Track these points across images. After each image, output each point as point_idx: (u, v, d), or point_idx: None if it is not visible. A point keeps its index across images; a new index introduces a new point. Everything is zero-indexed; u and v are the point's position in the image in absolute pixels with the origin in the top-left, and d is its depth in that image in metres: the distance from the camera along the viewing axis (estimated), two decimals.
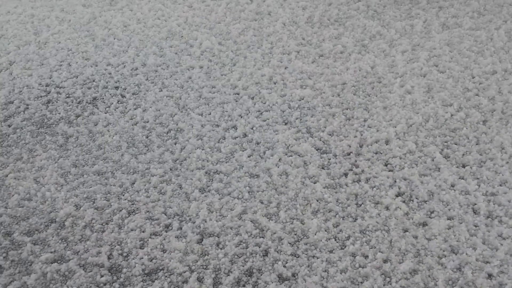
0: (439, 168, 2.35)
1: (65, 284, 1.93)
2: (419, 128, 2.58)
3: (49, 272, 1.96)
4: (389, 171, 2.35)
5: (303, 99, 2.83)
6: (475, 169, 2.33)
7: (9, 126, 2.76)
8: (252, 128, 2.64)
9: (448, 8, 3.57)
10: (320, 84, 2.92)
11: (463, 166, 2.37)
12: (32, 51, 3.38)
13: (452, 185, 2.27)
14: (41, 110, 2.86)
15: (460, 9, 3.57)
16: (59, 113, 2.82)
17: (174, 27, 3.54)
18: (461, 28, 3.36)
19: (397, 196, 2.23)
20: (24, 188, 2.34)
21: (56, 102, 2.92)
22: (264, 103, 2.81)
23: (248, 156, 2.46)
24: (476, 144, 2.48)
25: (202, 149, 2.51)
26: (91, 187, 2.33)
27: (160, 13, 3.74)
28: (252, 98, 2.85)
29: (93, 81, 3.08)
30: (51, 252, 2.05)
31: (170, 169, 2.41)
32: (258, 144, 2.54)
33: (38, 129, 2.72)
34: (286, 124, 2.66)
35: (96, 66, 3.21)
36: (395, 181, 2.29)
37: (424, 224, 2.10)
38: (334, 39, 3.34)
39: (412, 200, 2.20)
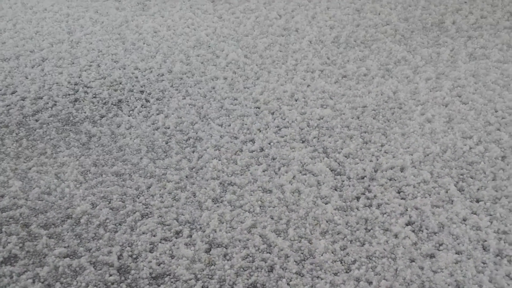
0: (452, 201, 2.35)
1: (75, 279, 1.99)
2: (436, 158, 2.58)
3: (61, 266, 2.03)
4: (402, 199, 2.37)
5: (322, 118, 2.86)
6: (489, 205, 2.33)
7: (37, 120, 2.85)
8: (269, 143, 2.68)
9: (477, 38, 3.57)
10: (341, 105, 2.95)
11: (477, 201, 2.37)
12: (65, 50, 3.48)
13: (464, 219, 2.27)
14: (68, 108, 2.95)
15: (489, 40, 3.56)
16: (85, 112, 2.91)
17: (203, 37, 3.61)
18: (489, 60, 3.36)
19: (407, 225, 2.24)
20: (45, 182, 2.41)
21: (83, 101, 3.01)
22: (284, 119, 2.85)
23: (263, 171, 2.50)
24: (493, 180, 2.47)
25: (219, 160, 2.56)
26: (108, 187, 2.40)
27: (190, 21, 3.82)
28: (272, 114, 2.90)
29: (120, 83, 3.16)
30: (64, 247, 2.11)
31: (186, 177, 2.47)
32: (274, 159, 2.58)
33: (64, 126, 2.81)
34: (303, 142, 2.70)
35: (124, 69, 3.29)
36: (407, 210, 2.30)
37: (432, 256, 2.10)
38: (358, 61, 3.37)
39: (422, 231, 2.21)
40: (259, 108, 2.94)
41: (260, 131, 2.76)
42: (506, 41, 3.54)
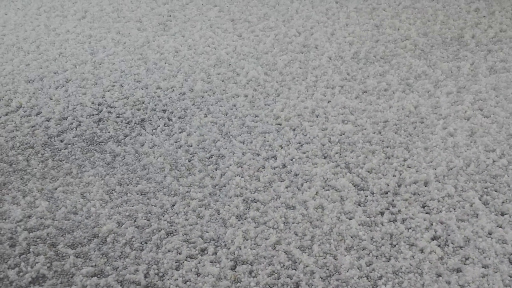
0: (477, 214, 2.33)
1: None
2: (460, 172, 2.57)
3: (88, 285, 2.05)
4: (426, 213, 2.35)
5: (344, 134, 2.87)
6: None
7: (62, 141, 2.91)
8: (291, 160, 2.69)
9: (497, 52, 3.56)
10: (362, 120, 2.95)
11: (502, 214, 2.34)
12: (88, 71, 3.56)
13: (490, 233, 2.24)
14: (92, 128, 3.00)
15: (509, 53, 3.55)
16: (109, 132, 2.96)
17: (223, 55, 3.66)
18: (509, 73, 3.34)
19: (432, 239, 2.22)
20: (71, 202, 2.46)
21: (107, 121, 3.06)
22: (305, 136, 2.86)
23: (286, 187, 2.51)
24: None
25: (242, 177, 2.58)
26: (133, 206, 2.43)
27: (210, 40, 3.87)
28: (294, 130, 2.91)
29: (143, 103, 3.21)
30: (92, 266, 2.14)
31: (210, 194, 2.49)
32: (296, 175, 2.59)
33: (88, 146, 2.86)
34: (325, 158, 2.70)
35: (147, 88, 3.35)
36: (432, 224, 2.29)
37: (458, 270, 2.09)
38: (378, 76, 3.38)
39: (448, 245, 2.19)
40: (280, 124, 2.96)
41: (282, 148, 2.78)
42: None
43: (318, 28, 3.95)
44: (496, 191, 2.46)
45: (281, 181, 2.55)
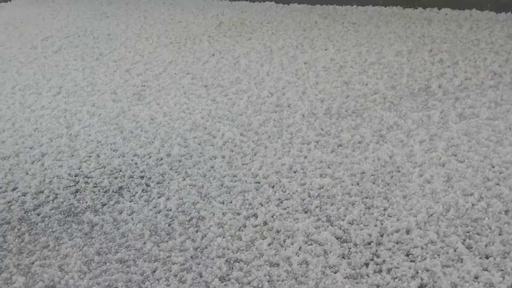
0: (461, 259, 2.32)
1: None
2: (440, 218, 2.58)
3: None
4: (411, 261, 2.33)
5: (322, 187, 2.87)
6: (498, 260, 2.30)
7: (38, 214, 2.85)
8: (272, 217, 2.67)
9: (464, 99, 3.67)
10: (340, 173, 2.97)
11: (487, 257, 2.33)
12: (64, 144, 3.55)
13: (476, 277, 2.23)
14: (69, 199, 2.96)
15: (477, 99, 3.66)
16: (86, 202, 2.92)
17: (198, 119, 3.71)
18: (479, 118, 3.43)
19: (419, 287, 2.19)
20: (49, 276, 2.38)
21: (84, 191, 3.03)
22: (284, 192, 2.86)
23: (268, 245, 2.48)
24: (499, 235, 2.45)
25: (223, 237, 2.54)
26: (113, 275, 2.36)
27: (185, 106, 3.93)
28: (273, 187, 2.92)
29: (120, 171, 3.20)
30: None
31: (191, 257, 2.44)
32: (278, 232, 2.56)
33: (66, 217, 2.81)
34: (306, 212, 2.70)
35: (123, 157, 3.35)
36: (417, 272, 2.26)
37: None
38: (352, 129, 3.44)
39: None
40: (259, 182, 2.97)
41: (262, 205, 2.77)
42: (493, 99, 3.64)
43: (289, 88, 4.05)
44: (478, 234, 2.46)
45: (263, 239, 2.52)
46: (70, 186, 3.09)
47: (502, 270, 2.24)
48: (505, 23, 4.88)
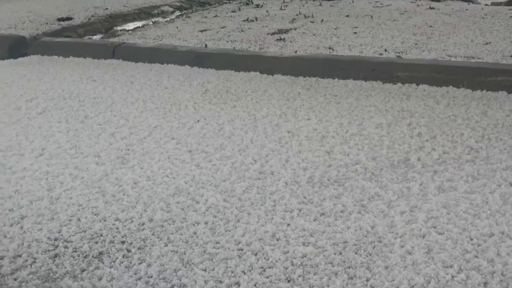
0: None
1: None
2: None
3: None
4: None
5: (305, 256, 2.88)
6: None
7: (15, 279, 2.78)
8: (255, 285, 2.65)
9: (442, 172, 3.77)
10: (322, 242, 2.99)
11: None
12: (44, 206, 3.51)
13: None
14: (48, 264, 2.90)
15: (455, 173, 3.76)
16: (65, 267, 2.86)
17: (182, 184, 3.72)
18: (457, 192, 3.52)
19: None
20: None
21: (63, 256, 2.97)
22: (267, 260, 2.86)
23: None
24: None
25: None
26: None
27: (168, 171, 3.95)
28: (256, 254, 2.91)
29: (101, 235, 3.16)
30: None
31: None
32: None
33: (44, 283, 2.74)
34: (289, 281, 2.68)
35: (105, 221, 3.32)
36: None
37: None
38: (334, 198, 3.49)
39: None
40: (242, 250, 2.96)
41: (244, 273, 2.75)
42: (470, 173, 3.75)
43: (273, 155, 4.12)
44: None
45: None
46: (49, 251, 3.03)
47: None
48: (481, 100, 5.11)
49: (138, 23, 10.08)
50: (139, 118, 5.04)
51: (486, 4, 10.05)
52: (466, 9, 9.22)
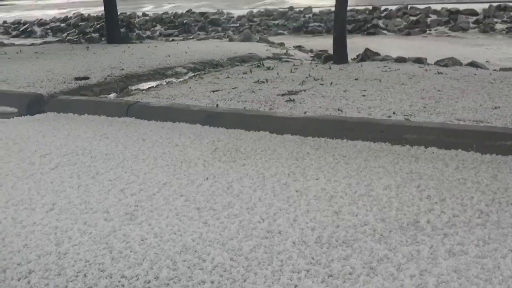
0: None
1: None
2: None
3: None
4: None
5: None
6: None
7: None
8: None
9: (453, 236, 3.72)
10: None
11: None
12: (52, 261, 3.51)
13: None
14: None
15: (465, 237, 3.71)
16: None
17: (189, 242, 3.71)
18: (468, 256, 3.46)
19: None
20: None
21: None
22: None
23: None
24: None
25: None
26: None
27: (176, 228, 3.95)
28: None
29: None
30: None
31: None
32: None
33: None
34: None
35: (111, 277, 3.30)
36: None
37: None
38: (342, 260, 3.45)
39: None
40: None
41: None
42: (481, 237, 3.70)
43: (280, 214, 4.11)
44: None
45: None
46: None
47: None
48: (490, 164, 5.11)
49: (153, 83, 10.36)
50: (149, 175, 5.09)
51: (495, 70, 10.17)
52: (475, 74, 9.34)
